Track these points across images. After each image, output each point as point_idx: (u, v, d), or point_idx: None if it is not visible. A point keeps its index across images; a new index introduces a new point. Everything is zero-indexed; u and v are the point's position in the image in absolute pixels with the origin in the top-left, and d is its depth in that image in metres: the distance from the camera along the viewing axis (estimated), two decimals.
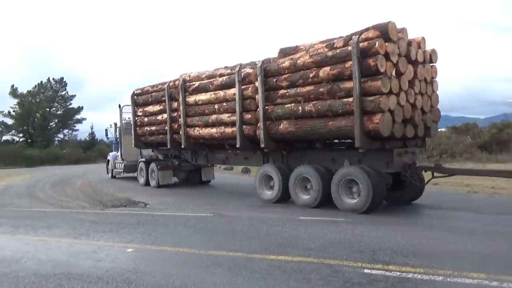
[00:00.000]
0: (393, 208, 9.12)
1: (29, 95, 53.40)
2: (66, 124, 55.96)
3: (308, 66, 8.76)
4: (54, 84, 54.57)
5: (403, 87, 8.16)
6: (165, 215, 8.64)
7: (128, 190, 13.98)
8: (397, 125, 8.06)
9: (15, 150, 40.49)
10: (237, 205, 10.03)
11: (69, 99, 55.70)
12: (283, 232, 6.59)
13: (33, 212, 9.89)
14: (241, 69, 10.36)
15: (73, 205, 10.90)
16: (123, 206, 10.41)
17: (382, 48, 7.72)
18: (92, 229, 7.13)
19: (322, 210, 8.99)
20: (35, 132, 51.36)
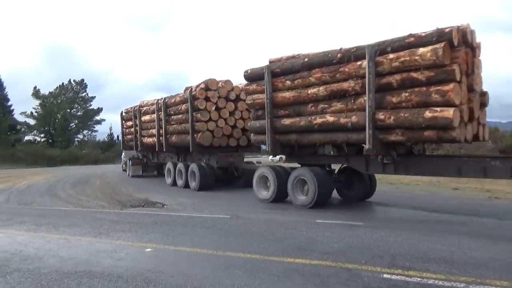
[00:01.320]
0: (412, 213, 8.98)
1: (51, 97, 54.72)
2: (86, 125, 57.12)
3: (177, 103, 15.31)
4: (74, 85, 55.82)
5: (223, 116, 14.19)
6: (182, 216, 8.71)
7: (146, 190, 14.16)
8: (217, 139, 14.13)
9: (36, 150, 41.50)
10: (254, 207, 10.05)
11: (89, 101, 56.91)
12: (300, 235, 6.56)
13: (54, 211, 10.11)
14: (159, 101, 16.49)
15: (93, 204, 11.10)
16: (141, 206, 10.55)
17: (202, 95, 13.97)
18: (111, 228, 7.24)
19: (339, 213, 8.94)
20: (56, 132, 52.52)
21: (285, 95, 9.63)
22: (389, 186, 16.06)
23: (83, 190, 14.64)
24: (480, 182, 12.36)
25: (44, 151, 41.69)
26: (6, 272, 4.72)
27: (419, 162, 8.31)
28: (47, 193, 14.00)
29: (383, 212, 9.50)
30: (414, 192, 14.16)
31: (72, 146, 51.56)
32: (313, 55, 9.20)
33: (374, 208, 10.08)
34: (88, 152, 46.63)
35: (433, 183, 16.91)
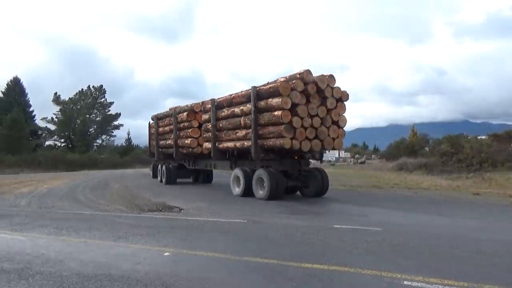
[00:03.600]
0: (432, 219, 8.81)
1: (71, 102, 55.93)
2: (104, 130, 58.06)
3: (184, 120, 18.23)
4: (93, 91, 56.91)
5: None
6: (199, 220, 8.75)
7: (164, 195, 14.29)
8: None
9: (57, 155, 42.37)
10: (271, 212, 10.03)
11: (107, 106, 57.89)
12: (318, 240, 6.50)
13: (74, 214, 10.29)
14: (176, 113, 18.76)
15: (112, 208, 11.25)
16: (158, 211, 10.64)
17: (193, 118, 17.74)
18: (130, 232, 7.32)
19: (357, 219, 8.84)
20: (76, 137, 53.54)
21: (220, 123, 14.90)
22: (407, 191, 15.81)
23: (102, 194, 14.87)
24: (503, 187, 12.03)
25: (64, 156, 42.53)
26: (28, 274, 4.81)
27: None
28: (67, 197, 14.27)
29: (401, 217, 9.35)
30: (434, 196, 13.89)
31: (91, 150, 52.45)
32: (232, 96, 14.24)
33: (393, 214, 9.93)
34: (107, 156, 47.38)
35: (453, 188, 16.57)
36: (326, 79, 12.14)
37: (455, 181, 18.90)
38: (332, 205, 11.55)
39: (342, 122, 12.56)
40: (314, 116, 12.02)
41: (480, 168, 21.37)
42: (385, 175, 25.56)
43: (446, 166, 24.08)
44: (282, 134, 11.74)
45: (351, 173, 29.29)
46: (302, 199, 12.94)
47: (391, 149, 42.51)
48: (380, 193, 15.58)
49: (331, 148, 12.78)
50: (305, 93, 11.89)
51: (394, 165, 30.57)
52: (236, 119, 13.79)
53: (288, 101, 11.64)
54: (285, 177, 12.64)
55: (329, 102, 12.20)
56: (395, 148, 40.70)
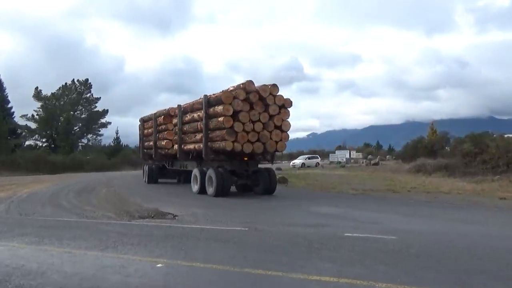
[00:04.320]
0: (453, 226, 8.79)
1: (53, 98, 55.92)
2: (90, 129, 58.10)
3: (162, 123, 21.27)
4: (78, 86, 56.95)
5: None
6: (195, 228, 8.76)
7: (156, 200, 14.32)
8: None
9: (38, 156, 42.41)
10: (274, 219, 10.04)
11: (94, 102, 57.93)
12: (327, 249, 6.51)
13: (57, 222, 10.32)
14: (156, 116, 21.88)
15: (99, 215, 11.28)
16: (150, 218, 10.66)
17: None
18: (119, 241, 7.34)
19: (371, 226, 8.84)
20: (59, 136, 53.52)
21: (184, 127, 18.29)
22: (426, 196, 15.80)
23: (88, 199, 14.90)
24: None
25: (46, 157, 42.60)
26: None
27: None
28: (50, 202, 14.31)
29: (419, 224, 9.34)
30: (455, 201, 13.88)
31: (75, 151, 52.49)
32: (193, 103, 17.39)
33: (410, 221, 9.93)
34: (93, 157, 47.45)
35: (476, 192, 16.54)
36: (268, 88, 15.00)
37: (479, 184, 18.88)
38: (342, 212, 11.54)
39: (286, 126, 15.33)
40: (256, 122, 14.78)
41: (507, 169, 21.31)
42: (401, 177, 25.53)
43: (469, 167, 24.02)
44: (225, 138, 14.59)
45: (363, 175, 29.27)
46: (306, 205, 12.95)
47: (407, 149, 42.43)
48: (395, 197, 15.57)
49: (273, 150, 15.54)
50: (248, 101, 14.76)
51: (411, 167, 30.52)
52: (195, 123, 16.99)
53: (229, 108, 14.53)
54: (235, 176, 15.66)
55: (272, 109, 14.99)
56: (412, 147, 40.62)
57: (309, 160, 50.01)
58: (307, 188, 20.22)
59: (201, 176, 15.98)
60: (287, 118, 15.33)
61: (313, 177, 27.11)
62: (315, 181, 23.70)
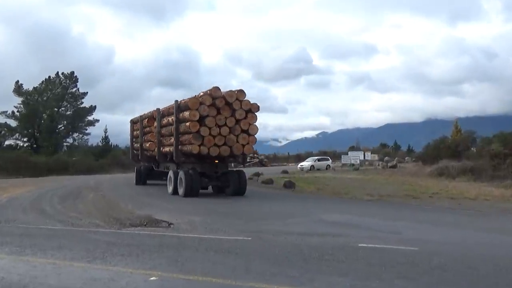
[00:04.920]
0: (479, 236, 8.75)
1: (35, 93, 55.89)
2: (77, 127, 58.06)
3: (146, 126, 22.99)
4: (63, 79, 56.89)
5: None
6: (193, 238, 8.78)
7: (149, 206, 14.36)
8: None
9: (19, 157, 42.52)
10: (280, 227, 10.04)
11: (80, 97, 57.88)
12: (339, 262, 6.50)
13: (40, 230, 10.35)
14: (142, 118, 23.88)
15: (86, 222, 11.32)
16: (143, 226, 10.69)
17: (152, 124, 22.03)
18: (108, 251, 7.36)
19: (389, 235, 8.83)
20: (41, 135, 53.56)
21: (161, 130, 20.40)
22: (449, 202, 15.76)
23: (73, 205, 14.94)
24: None
25: (28, 158, 42.73)
26: None
27: None
28: (32, 208, 14.35)
29: (442, 234, 9.32)
30: (482, 208, 13.83)
31: (60, 152, 52.58)
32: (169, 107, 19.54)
33: (431, 230, 9.91)
34: (79, 159, 47.50)
35: (506, 198, 16.49)
36: (234, 94, 17.07)
37: (509, 190, 18.81)
38: (356, 220, 11.53)
39: (253, 130, 17.36)
40: (223, 126, 16.83)
41: None
42: (421, 182, 25.48)
43: (498, 170, 23.93)
44: (191, 141, 16.67)
45: (379, 179, 29.22)
46: (315, 212, 12.94)
47: (428, 150, 42.31)
48: (415, 204, 15.54)
49: (240, 153, 17.59)
50: (215, 106, 16.81)
51: (433, 170, 30.45)
52: (170, 127, 19.09)
53: (196, 113, 16.63)
54: (206, 178, 17.86)
55: (238, 113, 16.95)
56: (433, 148, 40.50)
57: (319, 162, 49.91)
58: (317, 194, 20.21)
59: (174, 177, 18.06)
60: (254, 122, 17.41)
61: (323, 181, 27.09)
62: (325, 186, 23.68)
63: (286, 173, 36.84)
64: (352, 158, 48.20)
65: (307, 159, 52.81)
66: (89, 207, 14.56)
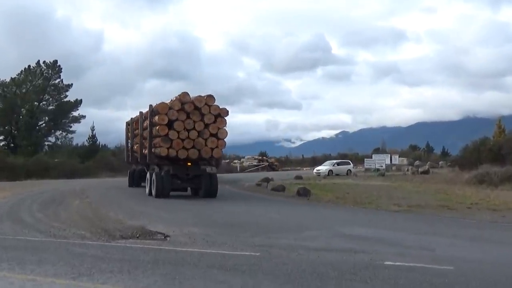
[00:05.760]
0: None
1: (13, 84, 56.15)
2: (59, 124, 58.22)
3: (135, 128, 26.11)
4: (45, 69, 57.10)
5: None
6: (193, 252, 8.79)
7: (142, 215, 14.42)
8: None
9: None
10: (293, 241, 10.03)
11: (64, 90, 58.09)
12: (362, 283, 6.48)
13: (18, 241, 10.44)
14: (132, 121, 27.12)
15: (70, 233, 11.38)
16: (135, 238, 10.74)
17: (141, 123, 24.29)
18: (95, 267, 7.40)
19: (415, 253, 8.80)
20: (19, 133, 53.79)
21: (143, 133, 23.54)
22: (491, 214, 15.66)
23: (56, 214, 15.03)
24: None
25: (4, 159, 42.99)
26: None
27: None
28: (9, 217, 14.46)
29: (482, 251, 9.26)
30: None
31: (40, 152, 52.74)
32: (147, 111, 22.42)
33: (470, 246, 9.86)
34: (63, 160, 47.72)
35: None
36: (203, 99, 20.34)
37: None
38: (382, 233, 11.50)
39: (222, 134, 20.52)
40: (191, 130, 19.88)
41: None
42: (458, 190, 25.30)
43: None
44: (160, 144, 19.95)
45: (408, 187, 29.10)
46: (334, 224, 12.91)
47: (466, 153, 42.04)
48: (451, 216, 15.45)
49: (209, 157, 20.45)
50: (184, 111, 19.96)
51: (472, 176, 30.23)
52: (147, 130, 22.28)
53: (164, 118, 19.84)
54: (178, 180, 20.75)
55: (207, 118, 20.15)
56: (472, 151, 40.25)
57: (338, 166, 49.85)
58: (336, 203, 20.17)
59: (150, 178, 21.64)
60: (223, 127, 20.56)
61: (343, 189, 27.02)
62: (346, 194, 23.63)
63: (300, 179, 36.85)
64: (376, 162, 47.99)
65: (325, 163, 52.75)
66: (73, 215, 14.64)
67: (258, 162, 68.31)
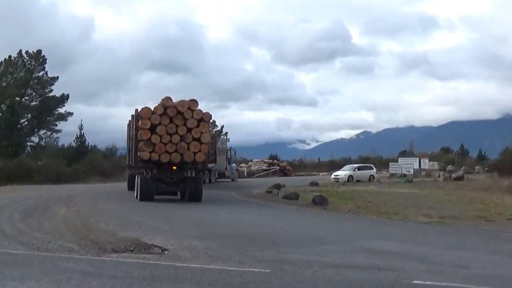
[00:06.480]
0: None
1: None
2: (44, 122, 58.31)
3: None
4: (27, 60, 57.24)
5: None
6: (194, 268, 8.79)
7: (136, 226, 14.46)
8: None
9: None
10: (308, 256, 10.02)
11: (48, 83, 58.19)
12: None
13: None
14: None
15: (55, 246, 11.41)
16: (129, 251, 10.74)
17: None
18: (84, 284, 7.42)
19: (448, 271, 8.78)
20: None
21: None
22: None
23: (40, 224, 15.07)
24: None
25: None
26: None
27: None
28: None
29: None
30: None
31: (22, 154, 52.90)
32: None
33: (505, 263, 9.82)
34: (47, 163, 47.86)
35: None
36: (186, 103, 23.12)
37: None
38: (409, 248, 11.46)
39: (205, 138, 23.16)
40: (174, 134, 22.26)
41: None
42: (497, 199, 25.17)
43: None
44: (143, 148, 22.38)
45: (440, 195, 28.97)
46: (354, 237, 12.89)
47: (506, 157, 41.86)
48: (489, 229, 15.37)
49: (191, 161, 22.91)
50: (167, 115, 22.40)
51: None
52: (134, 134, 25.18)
53: (147, 122, 22.36)
54: (163, 183, 23.43)
55: (190, 122, 22.54)
56: None
57: (359, 171, 49.75)
58: (357, 213, 20.12)
59: (136, 181, 24.06)
60: (206, 131, 23.50)
61: (365, 197, 26.97)
62: (368, 203, 23.59)
63: (316, 185, 36.85)
64: (403, 166, 47.85)
65: (344, 167, 52.68)
66: (59, 226, 14.70)
67: (268, 166, 68.29)
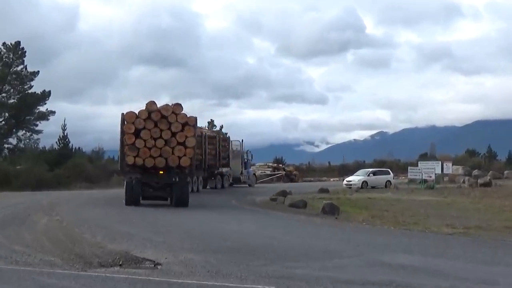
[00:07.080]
0: None
1: None
2: (23, 121, 58.49)
3: None
4: (4, 52, 57.51)
5: None
6: (190, 285, 8.81)
7: (126, 237, 14.49)
8: None
9: None
10: (318, 271, 10.01)
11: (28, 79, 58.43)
12: None
13: None
14: None
15: (36, 260, 11.42)
16: (118, 266, 10.72)
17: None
18: None
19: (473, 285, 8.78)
20: None
21: None
22: None
23: (18, 235, 15.09)
24: None
25: None
26: None
27: None
28: None
29: None
30: None
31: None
32: None
33: None
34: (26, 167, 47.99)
35: None
36: (170, 107, 25.48)
37: None
38: (430, 262, 11.45)
39: (190, 142, 24.96)
40: (158, 138, 24.42)
41: None
42: None
43: None
44: (127, 153, 24.41)
45: (465, 203, 28.95)
46: (369, 250, 12.89)
47: None
48: None
49: (176, 165, 24.87)
50: (151, 119, 24.53)
51: None
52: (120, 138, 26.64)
53: (131, 126, 24.58)
54: (150, 188, 25.70)
55: (174, 126, 24.67)
56: None
57: (375, 176, 49.71)
58: (372, 223, 20.11)
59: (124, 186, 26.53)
60: (191, 135, 25.18)
61: (381, 205, 26.99)
62: (384, 212, 23.57)
63: (326, 192, 36.86)
64: (424, 171, 47.78)
65: (357, 172, 52.66)
66: (40, 237, 14.72)
67: (273, 171, 68.29)
